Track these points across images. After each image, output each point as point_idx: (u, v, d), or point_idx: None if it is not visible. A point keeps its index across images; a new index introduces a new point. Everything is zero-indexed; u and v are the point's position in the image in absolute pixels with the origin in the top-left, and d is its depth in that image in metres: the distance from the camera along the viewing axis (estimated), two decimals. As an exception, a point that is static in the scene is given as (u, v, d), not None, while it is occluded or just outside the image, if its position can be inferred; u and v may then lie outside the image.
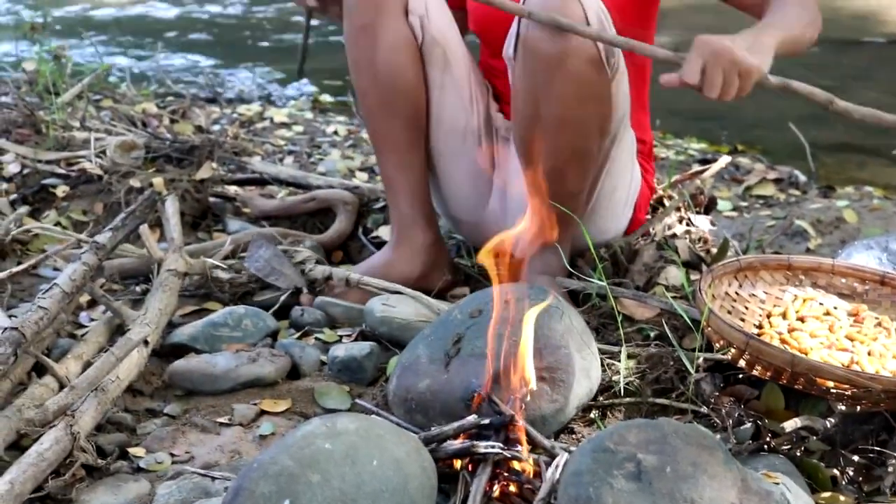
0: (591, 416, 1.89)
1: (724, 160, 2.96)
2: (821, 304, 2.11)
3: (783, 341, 1.97)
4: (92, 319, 2.30)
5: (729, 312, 2.05)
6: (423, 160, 2.40)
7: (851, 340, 1.99)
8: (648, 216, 2.58)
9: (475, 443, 1.58)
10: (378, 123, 2.38)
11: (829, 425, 1.80)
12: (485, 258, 1.67)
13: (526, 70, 2.08)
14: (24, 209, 2.81)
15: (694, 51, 1.87)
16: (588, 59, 2.02)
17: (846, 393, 1.74)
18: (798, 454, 1.75)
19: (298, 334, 2.25)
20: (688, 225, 2.61)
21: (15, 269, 2.39)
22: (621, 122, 2.22)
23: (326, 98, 5.06)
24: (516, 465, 1.58)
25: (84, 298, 2.34)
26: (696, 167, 3.24)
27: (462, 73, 2.36)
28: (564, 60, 2.02)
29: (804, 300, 2.11)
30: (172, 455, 1.82)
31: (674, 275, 2.34)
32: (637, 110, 2.33)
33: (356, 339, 2.19)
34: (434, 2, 2.31)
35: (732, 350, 1.84)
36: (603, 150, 2.20)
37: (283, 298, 2.34)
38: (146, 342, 2.00)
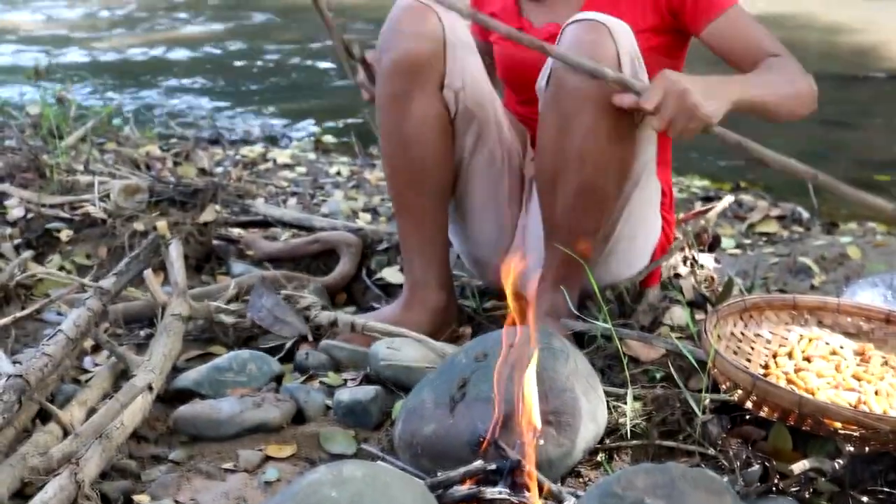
0: (598, 458, 1.88)
1: (728, 199, 2.97)
2: (827, 343, 2.10)
3: (790, 381, 1.96)
4: (96, 364, 2.29)
5: (735, 353, 2.04)
6: (444, 225, 2.38)
7: (858, 380, 1.98)
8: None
9: (482, 488, 1.58)
10: (400, 189, 2.35)
11: (837, 466, 1.79)
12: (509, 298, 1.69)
13: (554, 101, 2.09)
14: (28, 253, 2.81)
15: (657, 82, 1.96)
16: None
17: (854, 434, 1.73)
18: (807, 496, 1.74)
19: (303, 378, 2.24)
20: (692, 264, 2.60)
21: (19, 314, 2.40)
22: (644, 168, 2.23)
23: (329, 139, 5.08)
24: (524, 510, 1.57)
25: (88, 343, 2.34)
26: (699, 205, 3.25)
27: (494, 138, 2.33)
28: (592, 96, 2.03)
29: (810, 339, 2.11)
30: (177, 502, 1.80)
31: (679, 315, 2.34)
32: (660, 164, 2.33)
33: (361, 383, 2.18)
34: (473, 72, 2.26)
35: (739, 391, 1.83)
36: (623, 194, 2.20)
37: (288, 345, 2.34)
38: (150, 388, 2.00)
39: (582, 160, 2.09)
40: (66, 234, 2.97)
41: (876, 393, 1.94)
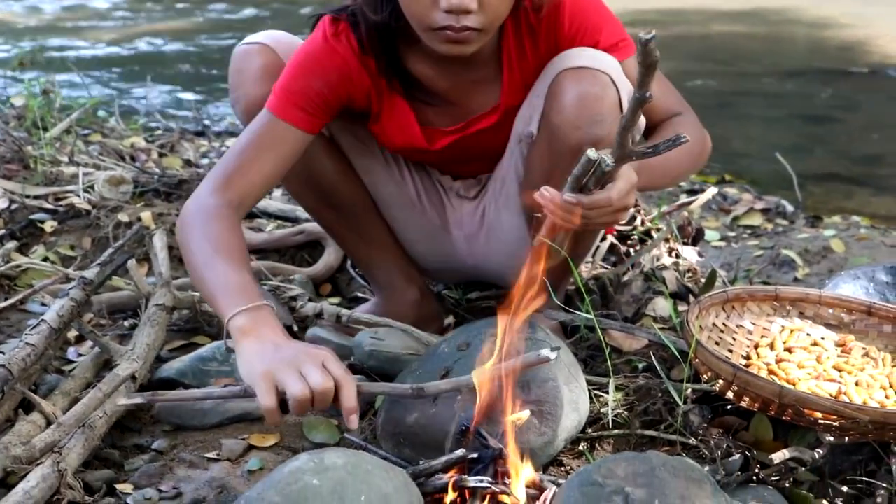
0: (580, 448, 1.89)
1: (712, 191, 2.98)
2: (808, 334, 2.11)
3: (771, 372, 1.97)
4: (80, 355, 2.29)
5: (717, 344, 2.05)
6: (382, 227, 2.38)
7: (839, 371, 1.99)
8: (637, 248, 2.59)
9: (464, 477, 1.58)
10: (320, 215, 2.39)
11: (817, 456, 1.80)
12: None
13: (551, 152, 2.01)
14: (11, 244, 2.81)
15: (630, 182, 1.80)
16: None
17: (834, 424, 1.74)
18: (787, 485, 1.75)
19: (287, 368, 2.24)
20: (676, 256, 2.62)
21: (2, 305, 2.40)
22: None
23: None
24: (505, 498, 1.58)
25: (72, 334, 2.34)
26: (684, 198, 3.26)
27: (368, 140, 2.27)
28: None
29: (791, 331, 2.12)
30: (160, 491, 1.80)
31: (662, 306, 2.35)
32: None
33: (345, 373, 2.18)
34: None
35: (720, 381, 1.84)
36: None
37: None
38: (134, 378, 2.00)
39: None
40: (50, 226, 2.96)
41: (856, 384, 1.95)
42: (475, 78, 2.07)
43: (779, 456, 1.77)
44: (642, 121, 2.05)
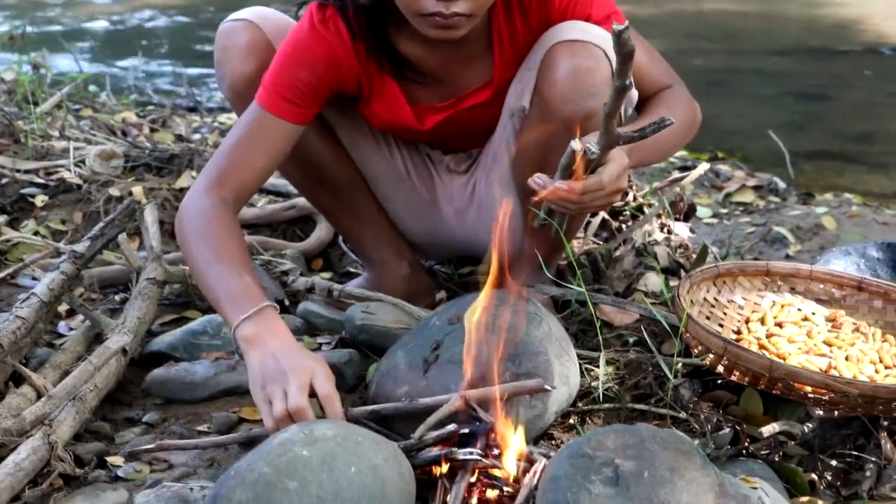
0: (571, 421, 1.90)
1: (704, 167, 2.97)
2: (799, 309, 2.12)
3: (761, 347, 1.97)
4: (71, 329, 2.29)
5: (708, 318, 2.05)
6: (372, 203, 2.37)
7: (829, 346, 2.00)
8: (629, 224, 2.59)
9: (454, 449, 1.58)
10: (312, 194, 2.40)
11: (807, 430, 1.81)
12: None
13: (543, 125, 2.00)
14: (2, 219, 2.80)
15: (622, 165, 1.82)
16: None
17: (824, 398, 1.75)
18: (776, 459, 1.76)
19: (278, 342, 2.24)
20: (667, 232, 2.61)
21: (-7, 279, 2.39)
22: None
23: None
24: (495, 471, 1.58)
25: (63, 308, 2.33)
26: (676, 174, 3.25)
27: (359, 121, 2.26)
28: (584, 124, 1.91)
29: (782, 306, 2.12)
30: (150, 464, 1.81)
31: (653, 281, 2.35)
32: None
33: (336, 347, 2.18)
34: None
35: (711, 355, 1.84)
36: None
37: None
38: (125, 351, 2.00)
39: None
40: (41, 200, 2.95)
41: (846, 359, 1.96)
42: (465, 56, 2.06)
43: (768, 430, 1.78)
44: (634, 93, 2.05)
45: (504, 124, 2.16)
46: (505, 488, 1.56)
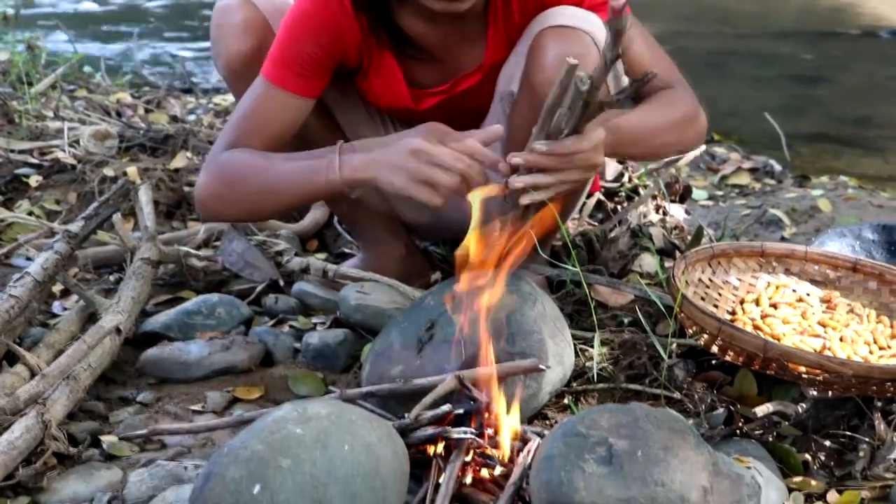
0: (565, 401, 1.90)
1: (699, 149, 2.97)
2: (794, 290, 2.11)
3: (756, 327, 1.97)
4: (65, 309, 2.28)
5: (702, 299, 2.05)
6: None
7: (824, 327, 2.00)
8: (624, 205, 2.59)
9: (448, 428, 1.58)
10: None
11: (801, 410, 1.81)
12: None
13: (532, 111, 1.93)
14: (-4, 199, 2.80)
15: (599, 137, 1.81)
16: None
17: (818, 378, 1.75)
18: (770, 439, 1.76)
19: (272, 322, 2.24)
20: (663, 213, 2.61)
21: (-14, 259, 2.39)
22: None
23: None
24: (490, 450, 1.58)
25: (57, 288, 2.33)
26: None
27: (354, 96, 2.25)
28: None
29: (777, 287, 2.12)
30: (144, 443, 1.81)
31: (648, 262, 2.35)
32: None
33: (330, 327, 2.19)
34: None
35: (705, 336, 1.84)
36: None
37: (258, 290, 2.34)
38: (119, 330, 1.99)
39: None
40: (35, 180, 2.95)
41: (841, 339, 1.96)
42: (464, 34, 2.05)
43: (762, 410, 1.78)
44: (624, 78, 2.03)
45: (495, 109, 2.16)
46: (499, 467, 1.56)
